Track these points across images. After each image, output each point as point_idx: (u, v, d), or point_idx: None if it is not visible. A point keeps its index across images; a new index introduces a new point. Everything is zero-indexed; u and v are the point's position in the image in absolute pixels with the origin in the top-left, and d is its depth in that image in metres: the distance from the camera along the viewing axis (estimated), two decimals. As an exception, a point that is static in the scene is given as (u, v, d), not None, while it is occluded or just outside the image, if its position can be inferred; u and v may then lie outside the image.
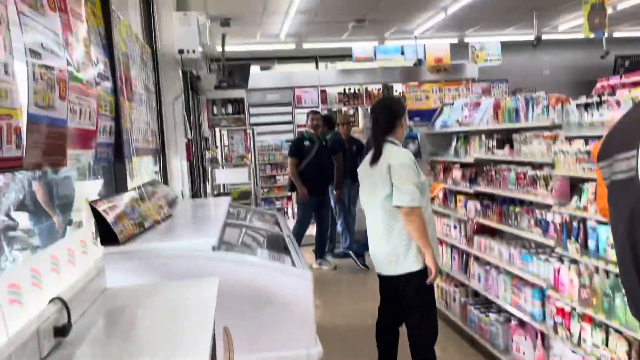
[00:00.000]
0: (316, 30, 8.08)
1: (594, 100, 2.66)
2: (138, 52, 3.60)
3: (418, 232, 2.75)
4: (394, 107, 3.03)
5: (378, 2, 6.67)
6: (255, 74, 9.62)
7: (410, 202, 2.71)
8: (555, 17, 8.23)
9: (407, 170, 2.77)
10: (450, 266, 4.31)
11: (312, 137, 6.13)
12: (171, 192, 3.72)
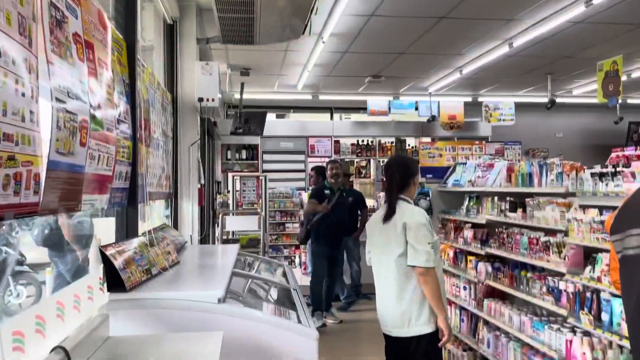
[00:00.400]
0: (333, 83, 8.25)
1: (608, 171, 2.66)
2: (159, 99, 3.69)
3: (432, 293, 2.68)
4: (409, 165, 3.02)
5: (394, 60, 6.82)
6: (271, 122, 9.78)
7: (425, 262, 2.66)
8: (569, 82, 8.35)
9: (424, 230, 2.72)
10: (459, 328, 4.21)
11: (333, 186, 6.04)
12: (180, 237, 3.72)
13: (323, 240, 5.92)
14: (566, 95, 9.27)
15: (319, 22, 5.22)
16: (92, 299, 2.23)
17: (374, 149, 9.82)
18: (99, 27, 2.25)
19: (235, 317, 2.26)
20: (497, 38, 5.90)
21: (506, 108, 9.01)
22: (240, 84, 7.65)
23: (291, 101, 9.88)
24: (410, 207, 2.88)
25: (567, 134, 10.81)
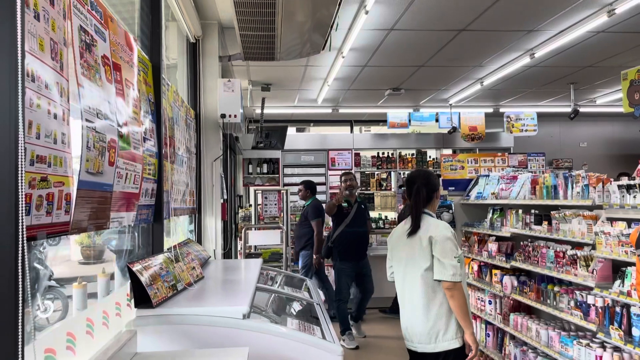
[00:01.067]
0: (352, 97, 8.28)
1: (636, 182, 2.61)
2: (183, 116, 3.75)
3: (460, 307, 2.66)
4: (433, 180, 3.00)
5: (414, 73, 6.83)
6: (291, 135, 9.85)
7: (452, 276, 2.65)
8: (592, 91, 8.23)
9: (450, 244, 2.71)
10: (485, 343, 4.14)
11: (349, 199, 5.91)
12: (204, 252, 3.76)
13: (347, 256, 5.75)
14: (590, 105, 9.14)
15: (338, 37, 5.26)
16: (120, 315, 2.26)
17: (395, 161, 9.79)
18: (126, 48, 2.31)
19: (260, 333, 2.27)
20: (518, 49, 5.86)
21: (528, 118, 8.92)
22: (262, 99, 7.75)
23: (311, 115, 9.94)
24: (435, 220, 2.87)
25: (591, 143, 10.64)
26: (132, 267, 2.31)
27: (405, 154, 9.91)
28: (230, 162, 6.95)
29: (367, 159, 9.83)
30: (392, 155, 9.85)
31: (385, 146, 9.87)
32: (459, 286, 2.66)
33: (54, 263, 4.36)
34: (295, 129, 11.52)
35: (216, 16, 4.51)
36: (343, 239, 5.77)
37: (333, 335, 2.50)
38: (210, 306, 2.39)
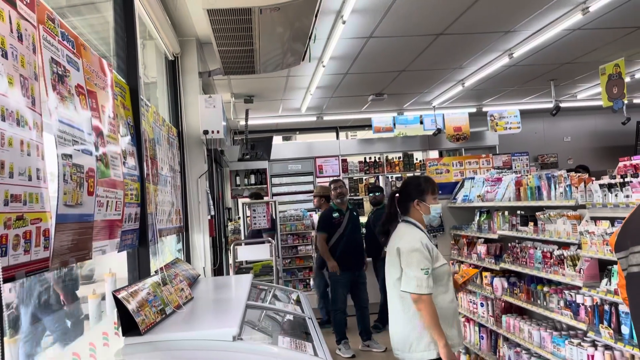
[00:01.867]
0: (336, 104, 8.31)
1: (617, 181, 2.64)
2: (165, 135, 3.73)
3: (427, 320, 2.62)
4: (409, 188, 2.94)
5: (396, 78, 6.86)
6: (278, 145, 9.85)
7: (416, 288, 2.61)
8: (573, 87, 8.33)
9: (415, 256, 2.66)
10: (479, 346, 4.15)
11: (341, 207, 5.78)
12: (193, 271, 3.73)
13: (342, 267, 5.62)
14: (571, 100, 9.24)
15: (318, 47, 5.27)
16: (108, 345, 2.24)
17: (382, 165, 9.83)
18: (101, 74, 2.29)
19: (250, 354, 2.25)
20: (497, 50, 5.92)
21: (511, 116, 8.99)
22: (245, 110, 7.74)
23: (296, 123, 9.95)
24: (407, 230, 2.83)
25: (575, 137, 10.75)
26: (117, 295, 2.28)
27: (392, 157, 9.95)
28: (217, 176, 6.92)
29: (354, 165, 9.86)
30: (379, 159, 9.89)
31: (372, 151, 9.90)
32: (425, 298, 2.61)
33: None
34: (281, 138, 11.52)
35: (194, 32, 4.50)
36: (337, 249, 5.65)
37: (325, 352, 2.49)
38: (199, 330, 2.36)
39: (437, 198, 2.92)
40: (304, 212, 8.10)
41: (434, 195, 2.90)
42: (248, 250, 4.62)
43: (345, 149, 9.82)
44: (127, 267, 2.92)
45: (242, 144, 8.04)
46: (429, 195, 2.89)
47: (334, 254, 5.64)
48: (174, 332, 2.31)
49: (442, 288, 2.74)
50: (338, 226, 5.70)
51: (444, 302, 2.72)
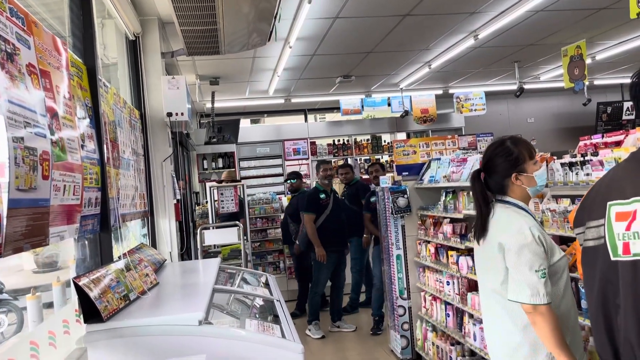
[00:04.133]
0: (304, 86, 8.24)
1: (577, 160, 2.69)
2: (126, 117, 3.63)
3: (545, 338, 1.95)
4: (496, 161, 2.17)
5: (363, 60, 6.84)
6: (246, 128, 9.74)
7: (530, 298, 1.94)
8: (536, 68, 8.47)
9: (526, 254, 1.98)
10: (445, 323, 4.23)
11: (326, 189, 5.74)
12: (159, 256, 3.66)
13: (329, 248, 5.59)
14: (534, 82, 9.41)
15: (284, 28, 5.19)
16: (69, 332, 2.18)
17: (351, 148, 9.84)
18: (55, 53, 2.19)
19: (217, 338, 2.23)
20: (462, 31, 5.95)
21: (477, 98, 9.11)
22: (211, 93, 7.60)
23: (264, 106, 9.85)
24: (512, 217, 2.10)
25: (538, 118, 10.98)
26: (78, 282, 2.21)
27: (360, 139, 9.98)
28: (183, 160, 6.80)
29: (323, 147, 9.84)
30: (348, 141, 9.90)
31: (341, 133, 9.90)
32: (543, 310, 1.94)
33: (5, 274, 4.17)
34: (249, 121, 11.40)
35: (155, 11, 4.36)
36: (325, 230, 5.62)
37: (293, 334, 2.49)
38: (165, 315, 2.33)
39: (537, 161, 2.18)
40: (273, 195, 8.06)
41: (533, 160, 2.15)
42: (215, 234, 4.57)
43: (314, 132, 9.79)
44: (88, 253, 2.84)
45: (208, 127, 7.92)
46: (528, 161, 2.14)
47: (320, 235, 5.59)
48: (138, 318, 2.27)
49: (560, 287, 2.07)
50: (325, 207, 5.67)
51: (565, 307, 2.07)
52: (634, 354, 1.43)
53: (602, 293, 1.57)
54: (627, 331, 1.46)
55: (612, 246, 1.52)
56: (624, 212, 1.49)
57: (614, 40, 7.03)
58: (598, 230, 1.58)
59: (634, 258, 1.43)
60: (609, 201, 1.55)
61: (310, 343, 5.54)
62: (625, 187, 1.51)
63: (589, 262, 1.64)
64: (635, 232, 1.42)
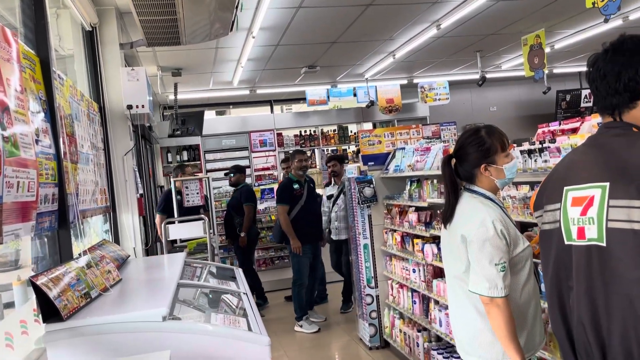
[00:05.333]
0: (269, 77, 8.17)
1: (536, 147, 2.75)
2: (84, 110, 3.52)
3: (498, 329, 2.00)
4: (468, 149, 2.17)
5: (328, 50, 6.82)
6: (210, 119, 9.61)
7: (488, 291, 1.99)
8: (497, 58, 8.61)
9: (487, 248, 2.00)
10: (412, 310, 4.29)
11: (300, 179, 5.68)
12: (122, 252, 3.59)
13: (306, 238, 5.57)
14: (496, 71, 9.57)
15: (247, 17, 5.13)
16: (27, 333, 2.12)
17: (317, 139, 9.84)
18: (4, 45, 2.10)
19: (182, 333, 2.20)
20: (425, 21, 5.99)
21: (441, 87, 9.22)
22: (174, 84, 7.46)
23: (229, 97, 9.73)
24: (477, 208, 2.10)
25: (501, 107, 11.20)
26: (36, 281, 2.15)
27: (327, 130, 9.98)
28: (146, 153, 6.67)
29: (290, 138, 9.81)
30: (315, 132, 9.89)
31: (307, 124, 9.88)
32: (499, 302, 1.98)
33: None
34: (214, 112, 11.25)
35: (112, 1, 4.24)
36: (301, 221, 5.57)
37: (260, 326, 2.48)
38: (127, 312, 2.28)
39: (510, 153, 2.17)
40: (240, 187, 7.99)
41: (505, 152, 2.14)
42: (180, 228, 4.51)
43: (280, 123, 9.74)
44: (47, 251, 2.76)
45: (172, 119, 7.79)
46: (499, 153, 2.14)
47: (294, 226, 5.54)
48: (99, 315, 2.22)
49: (522, 277, 2.09)
50: (299, 198, 5.63)
51: (525, 295, 2.10)
52: (586, 335, 1.48)
53: (556, 275, 1.62)
54: (579, 313, 1.51)
55: (566, 230, 1.56)
56: (579, 197, 1.53)
57: (572, 29, 7.21)
58: (554, 214, 1.62)
59: (589, 243, 1.47)
60: (565, 186, 1.59)
61: (280, 334, 5.54)
62: (581, 173, 1.55)
63: (545, 245, 1.68)
64: (591, 218, 1.46)
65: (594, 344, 1.46)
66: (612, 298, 1.41)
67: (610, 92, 1.51)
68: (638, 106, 1.49)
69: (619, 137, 1.48)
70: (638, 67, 1.46)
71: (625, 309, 1.38)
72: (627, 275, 1.37)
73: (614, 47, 1.52)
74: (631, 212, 1.35)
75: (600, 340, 1.45)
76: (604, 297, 1.43)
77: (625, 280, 1.37)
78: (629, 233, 1.35)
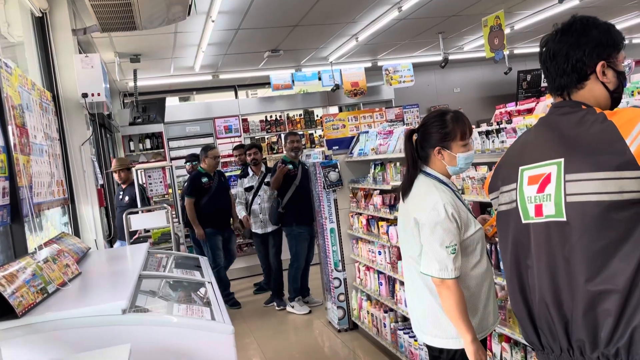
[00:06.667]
0: (231, 61, 8.04)
1: (493, 128, 2.79)
2: (36, 100, 3.40)
3: (449, 309, 2.06)
4: (429, 128, 2.20)
5: (290, 33, 6.74)
6: (173, 106, 9.41)
7: (438, 272, 2.04)
8: (459, 39, 8.68)
9: (438, 231, 2.05)
10: (378, 292, 4.34)
11: (294, 160, 5.66)
12: (81, 245, 3.50)
13: (303, 219, 5.54)
14: (458, 52, 9.66)
15: (205, 1, 5.01)
16: (-21, 332, 2.04)
17: (283, 124, 9.77)
18: (-59, 32, 2.00)
19: (143, 326, 2.17)
20: (386, 3, 5.98)
21: (405, 70, 9.26)
22: (133, 71, 7.27)
23: (192, 83, 9.55)
24: (429, 192, 2.13)
25: (464, 88, 11.33)
26: (-14, 279, 2.08)
27: (293, 115, 9.91)
28: (106, 142, 6.50)
29: (255, 124, 9.70)
30: (281, 117, 9.81)
31: (273, 109, 9.78)
32: (449, 284, 2.04)
33: None
34: (177, 99, 11.04)
35: (62, -15, 4.08)
36: (296, 202, 5.55)
37: (224, 315, 2.46)
38: (86, 306, 2.23)
39: (468, 144, 2.19)
40: (205, 174, 7.89)
41: (463, 141, 2.17)
42: (142, 218, 4.42)
43: (245, 108, 9.62)
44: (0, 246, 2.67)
45: (132, 107, 7.59)
46: (457, 140, 2.16)
47: (291, 208, 5.56)
48: (56, 311, 2.16)
49: (473, 259, 2.14)
50: (294, 179, 5.59)
51: (477, 277, 2.15)
52: (549, 311, 1.51)
53: (514, 255, 1.64)
54: (541, 291, 1.53)
55: (523, 209, 1.58)
56: (535, 175, 1.55)
57: (531, 9, 7.31)
58: (510, 195, 1.64)
59: (547, 220, 1.49)
60: (520, 166, 1.61)
61: (249, 321, 5.54)
62: (535, 152, 1.57)
63: (503, 226, 1.70)
64: (549, 195, 1.48)
65: (557, 320, 1.48)
66: (573, 273, 1.43)
67: (560, 72, 1.53)
68: (586, 87, 1.51)
69: (568, 114, 1.50)
70: (586, 49, 1.48)
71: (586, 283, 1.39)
72: (588, 248, 1.39)
73: (564, 28, 1.54)
74: (589, 185, 1.37)
75: (563, 316, 1.47)
76: (565, 273, 1.45)
77: (586, 254, 1.39)
78: (588, 205, 1.37)
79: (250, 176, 6.00)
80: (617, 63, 1.49)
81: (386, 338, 4.17)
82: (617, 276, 1.34)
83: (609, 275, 1.36)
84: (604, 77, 1.49)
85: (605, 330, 1.37)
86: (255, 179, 5.95)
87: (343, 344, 4.69)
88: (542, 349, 1.58)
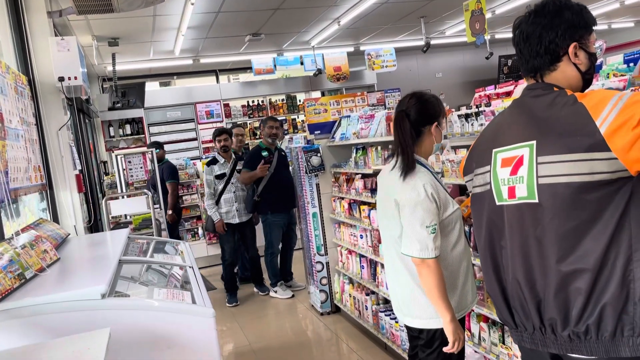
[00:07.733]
0: (212, 45, 7.95)
1: (472, 111, 2.81)
2: (10, 84, 3.33)
3: (429, 288, 2.10)
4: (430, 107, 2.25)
5: (271, 16, 6.68)
6: (154, 91, 9.30)
7: (419, 252, 2.08)
8: (441, 24, 8.68)
9: (418, 211, 2.08)
10: (360, 275, 4.38)
11: (270, 147, 5.53)
12: (60, 231, 3.47)
13: (278, 207, 5.49)
14: (440, 37, 9.66)
15: (184, -17, 4.94)
16: (-45, 318, 2.02)
17: (266, 109, 9.72)
18: None
19: (123, 310, 2.17)
20: (368, -14, 5.95)
21: (387, 54, 9.25)
22: (112, 55, 7.15)
23: (172, 67, 9.43)
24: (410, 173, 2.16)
25: (446, 73, 11.37)
26: (-38, 265, 2.05)
27: (275, 100, 9.86)
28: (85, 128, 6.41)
29: (237, 109, 9.64)
30: (263, 102, 9.75)
31: (255, 94, 9.71)
32: (430, 263, 2.08)
33: None
34: (158, 83, 10.90)
35: (36, -35, 3.97)
36: (271, 190, 5.46)
37: (204, 298, 2.47)
38: (65, 291, 2.22)
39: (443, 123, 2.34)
40: (187, 160, 7.84)
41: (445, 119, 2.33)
42: (123, 204, 4.38)
43: (227, 93, 9.54)
44: (-24, 233, 2.63)
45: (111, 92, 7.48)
46: (442, 118, 2.31)
47: (269, 197, 5.47)
48: (35, 296, 2.14)
49: (452, 238, 2.19)
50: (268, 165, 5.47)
51: (456, 256, 2.21)
52: (522, 291, 1.54)
53: (488, 236, 1.67)
54: (514, 271, 1.56)
55: (497, 192, 1.61)
56: (508, 158, 1.57)
57: (511, -6, 7.34)
58: (484, 177, 1.66)
59: (520, 202, 1.51)
60: (494, 148, 1.63)
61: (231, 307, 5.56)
62: (508, 134, 1.59)
63: (477, 208, 1.73)
64: (522, 177, 1.50)
65: (529, 299, 1.51)
66: (545, 253, 1.45)
67: (533, 54, 1.54)
68: (558, 68, 1.53)
69: (541, 97, 1.52)
70: (558, 30, 1.49)
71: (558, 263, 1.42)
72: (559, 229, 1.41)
73: (537, 10, 1.54)
74: (560, 167, 1.39)
75: (536, 295, 1.50)
76: (537, 253, 1.47)
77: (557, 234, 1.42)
78: (559, 187, 1.39)
79: (221, 163, 5.64)
80: (588, 44, 1.51)
81: (368, 320, 4.22)
82: (588, 255, 1.37)
83: (580, 255, 1.39)
84: (576, 58, 1.51)
85: (576, 308, 1.40)
86: (226, 166, 5.64)
87: (326, 327, 4.73)
88: (515, 327, 1.62)
